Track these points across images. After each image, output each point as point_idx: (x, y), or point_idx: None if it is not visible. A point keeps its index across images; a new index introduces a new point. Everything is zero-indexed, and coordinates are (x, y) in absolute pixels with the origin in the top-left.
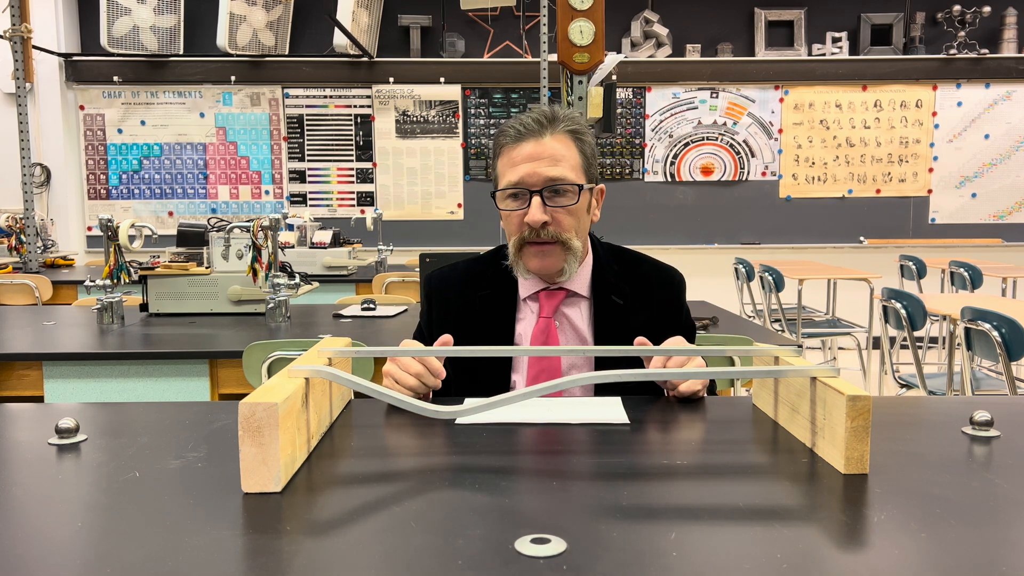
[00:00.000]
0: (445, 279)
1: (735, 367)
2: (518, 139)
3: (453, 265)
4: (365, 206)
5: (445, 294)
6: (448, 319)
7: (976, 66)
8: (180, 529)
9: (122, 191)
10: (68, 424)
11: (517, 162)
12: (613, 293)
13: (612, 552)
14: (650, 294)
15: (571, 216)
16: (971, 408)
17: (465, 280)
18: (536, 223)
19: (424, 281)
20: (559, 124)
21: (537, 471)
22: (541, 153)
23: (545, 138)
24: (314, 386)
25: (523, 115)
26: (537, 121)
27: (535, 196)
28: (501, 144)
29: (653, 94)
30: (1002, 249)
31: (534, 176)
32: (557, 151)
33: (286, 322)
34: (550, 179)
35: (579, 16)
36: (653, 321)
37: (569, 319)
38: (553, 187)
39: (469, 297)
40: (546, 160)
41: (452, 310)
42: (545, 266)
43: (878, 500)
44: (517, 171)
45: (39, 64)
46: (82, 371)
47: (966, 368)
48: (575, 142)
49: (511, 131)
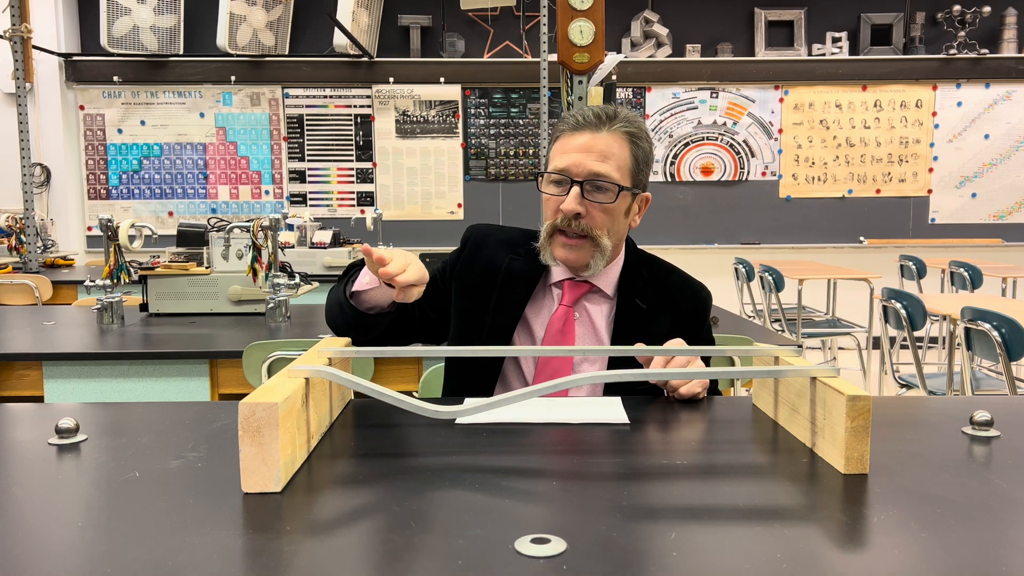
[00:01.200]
0: (486, 235)
1: (735, 367)
2: (576, 128)
3: (500, 227)
4: (365, 206)
5: (479, 248)
6: (471, 272)
7: (976, 66)
8: (180, 529)
9: (122, 191)
10: (68, 424)
11: (568, 150)
12: (638, 296)
13: (612, 552)
14: (675, 304)
15: (606, 214)
16: (971, 408)
17: (505, 243)
18: (569, 212)
19: (467, 229)
20: (618, 123)
21: (537, 471)
22: (593, 146)
23: (601, 133)
24: (314, 386)
25: (586, 107)
26: (597, 116)
27: (575, 186)
28: (560, 130)
29: (653, 94)
30: (1002, 249)
31: (579, 167)
32: (609, 148)
33: (286, 322)
34: (594, 173)
35: (579, 16)
36: (674, 331)
37: (589, 313)
38: (595, 181)
39: (500, 261)
40: (596, 154)
41: (480, 265)
42: (570, 258)
43: (878, 500)
44: (565, 158)
45: (39, 64)
46: (82, 371)
47: (966, 368)
48: (630, 144)
49: (571, 119)
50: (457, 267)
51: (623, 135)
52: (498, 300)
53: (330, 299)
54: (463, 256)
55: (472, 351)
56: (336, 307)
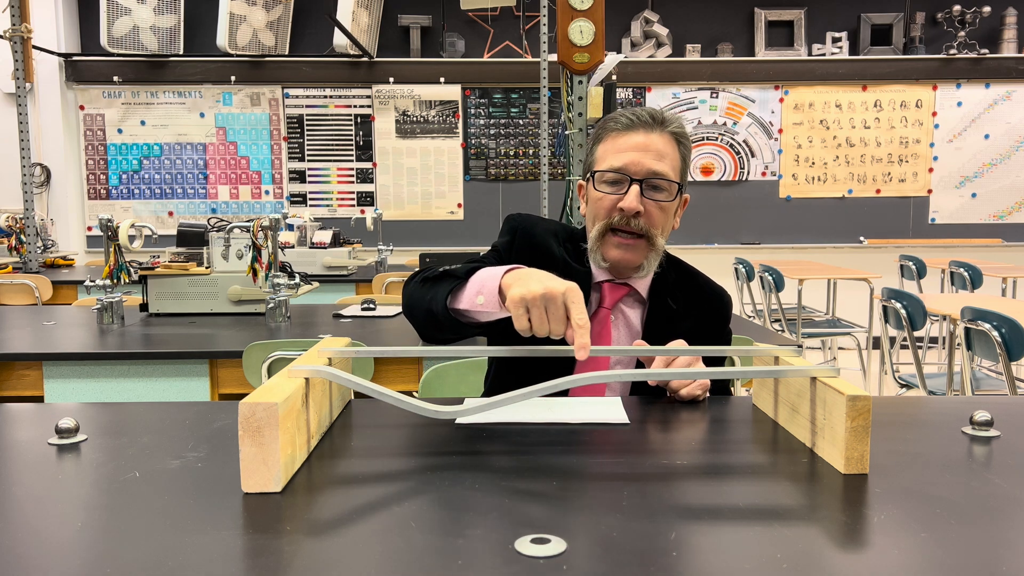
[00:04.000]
0: (533, 223)
1: (735, 367)
2: (629, 127)
3: (540, 217)
4: (365, 206)
5: (530, 235)
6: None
7: (976, 66)
8: (180, 529)
9: (122, 191)
10: (68, 424)
11: (623, 149)
12: (669, 297)
13: (612, 552)
14: (700, 306)
15: (663, 213)
16: (971, 408)
17: (551, 234)
18: (631, 210)
19: (507, 219)
20: (669, 125)
21: (537, 471)
22: (649, 146)
23: (654, 134)
24: (314, 386)
25: (634, 108)
26: (652, 116)
27: (635, 184)
28: (609, 129)
29: (653, 94)
30: (1002, 249)
31: (638, 165)
32: (664, 148)
33: (286, 322)
34: (653, 171)
35: (579, 16)
36: (697, 331)
37: (625, 316)
38: (654, 180)
39: (554, 250)
40: (652, 153)
41: (536, 252)
42: (627, 259)
43: (878, 500)
44: (622, 157)
45: (39, 64)
46: (82, 371)
47: (966, 368)
48: (678, 146)
49: (623, 119)
50: (512, 257)
51: (672, 135)
52: None
53: (419, 302)
54: (516, 245)
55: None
56: (427, 312)
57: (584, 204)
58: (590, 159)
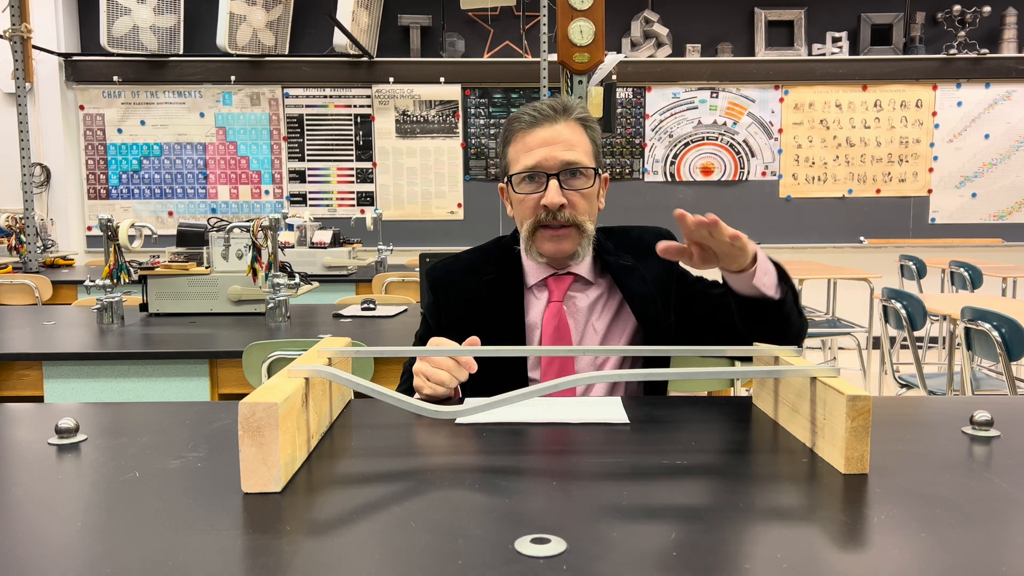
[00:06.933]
0: (449, 270)
1: (735, 367)
2: (533, 124)
3: (455, 256)
4: (365, 206)
5: (450, 284)
6: (457, 308)
7: (976, 66)
8: (180, 529)
9: (122, 191)
10: (68, 424)
11: (533, 147)
12: (619, 259)
13: (612, 552)
14: (651, 250)
15: (585, 200)
16: (971, 408)
17: (469, 268)
18: (554, 205)
19: (426, 274)
20: (572, 112)
21: (537, 471)
22: (556, 138)
23: (559, 124)
24: (314, 386)
25: (534, 103)
26: (552, 108)
27: (552, 179)
28: (514, 130)
29: (653, 94)
30: (1002, 249)
31: (551, 160)
32: (571, 137)
33: (286, 322)
34: (566, 162)
35: (579, 16)
36: (663, 276)
37: (576, 302)
38: (570, 170)
39: (475, 284)
40: (562, 144)
41: (460, 299)
42: (560, 249)
43: (878, 500)
44: (533, 155)
45: (39, 64)
46: (82, 371)
47: (966, 368)
48: (585, 130)
49: (526, 117)
50: (442, 313)
51: (577, 122)
52: (496, 319)
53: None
54: (440, 300)
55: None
56: None
57: (509, 207)
58: (504, 162)
